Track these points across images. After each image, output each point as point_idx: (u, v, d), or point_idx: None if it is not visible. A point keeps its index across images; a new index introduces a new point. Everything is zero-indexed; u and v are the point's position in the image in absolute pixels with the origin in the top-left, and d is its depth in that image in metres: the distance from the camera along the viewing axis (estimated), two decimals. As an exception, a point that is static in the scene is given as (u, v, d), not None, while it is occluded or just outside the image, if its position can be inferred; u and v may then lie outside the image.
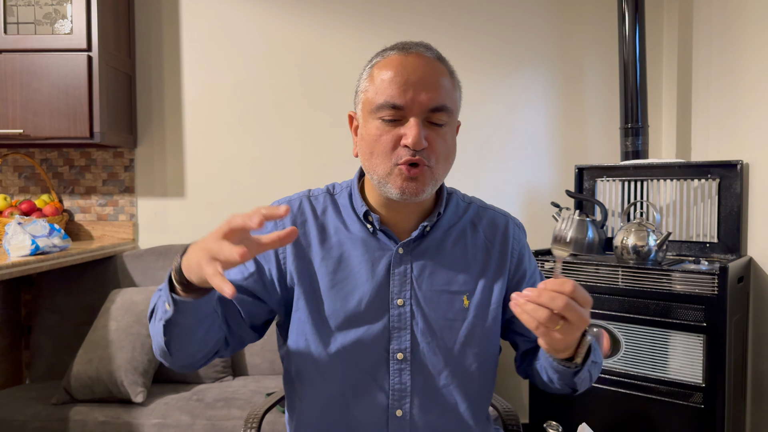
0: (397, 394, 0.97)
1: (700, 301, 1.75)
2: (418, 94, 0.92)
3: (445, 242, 1.02)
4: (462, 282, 1.00)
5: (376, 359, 0.97)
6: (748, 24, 2.04)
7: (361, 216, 1.01)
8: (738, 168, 2.02)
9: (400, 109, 0.92)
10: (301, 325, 0.99)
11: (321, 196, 1.07)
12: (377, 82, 0.94)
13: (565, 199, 2.36)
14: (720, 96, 2.21)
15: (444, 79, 0.96)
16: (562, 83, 2.60)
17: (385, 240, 1.00)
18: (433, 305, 0.98)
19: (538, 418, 2.04)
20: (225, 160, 2.60)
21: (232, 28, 2.58)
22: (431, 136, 0.93)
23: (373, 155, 0.95)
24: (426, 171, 0.93)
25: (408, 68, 0.93)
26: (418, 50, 0.95)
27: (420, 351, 0.97)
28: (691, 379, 1.78)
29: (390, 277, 0.99)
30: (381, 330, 0.97)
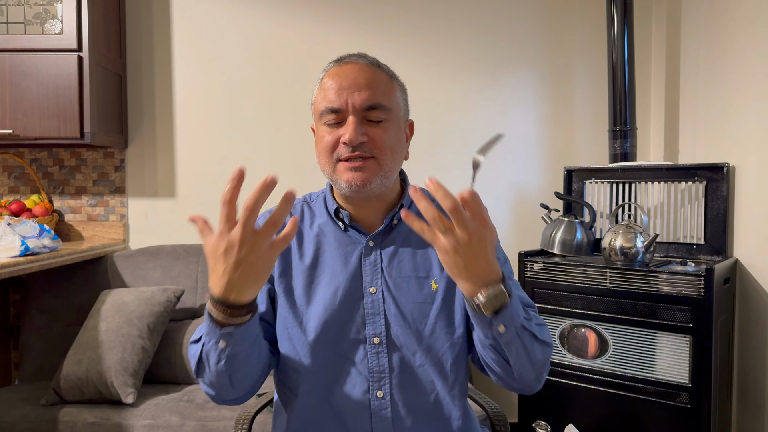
0: (377, 376, 1.03)
1: (686, 302, 1.77)
2: (351, 95, 1.01)
3: (411, 233, 1.08)
4: (429, 267, 1.07)
5: (354, 345, 1.03)
6: (735, 28, 2.06)
7: (332, 213, 1.09)
8: (724, 171, 2.04)
9: (338, 112, 1.01)
10: (283, 321, 1.06)
11: (298, 205, 1.16)
12: (321, 91, 1.05)
13: (555, 201, 2.38)
14: (707, 99, 2.24)
15: (377, 80, 1.03)
16: (551, 86, 2.62)
17: (356, 235, 1.08)
18: (403, 290, 1.05)
19: (526, 417, 2.06)
20: (216, 161, 2.60)
21: (223, 29, 2.58)
22: (370, 131, 1.01)
23: (321, 156, 1.05)
24: (371, 162, 1.01)
25: (341, 76, 1.03)
26: (351, 59, 1.05)
27: (394, 334, 1.04)
28: (677, 380, 1.80)
29: (362, 267, 1.06)
30: (357, 317, 1.04)
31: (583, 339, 1.97)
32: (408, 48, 2.58)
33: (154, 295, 2.18)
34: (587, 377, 1.95)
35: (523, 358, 0.92)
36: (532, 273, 2.08)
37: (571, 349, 1.99)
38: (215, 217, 1.21)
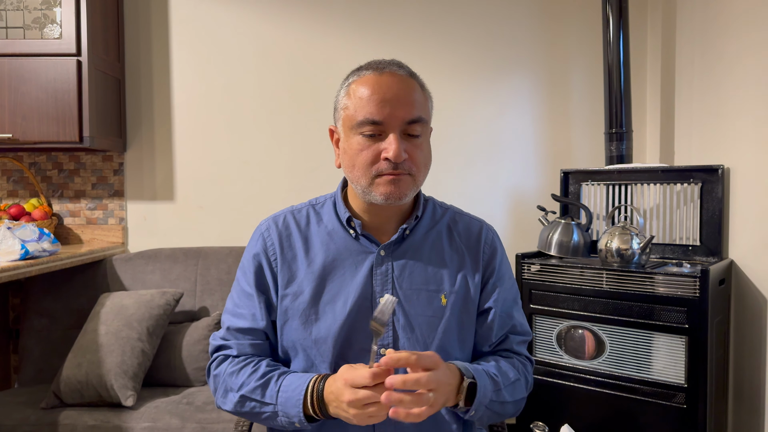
0: None
1: (682, 303, 1.79)
2: (395, 109, 0.99)
3: (424, 244, 1.10)
4: (440, 281, 1.07)
5: (361, 354, 1.04)
6: (729, 33, 2.08)
7: (344, 221, 1.09)
8: (719, 173, 2.06)
9: (379, 125, 1.00)
10: (291, 331, 1.07)
11: (304, 210, 1.15)
12: (355, 100, 1.01)
13: (552, 203, 2.40)
14: (702, 102, 2.25)
15: (416, 93, 1.03)
16: (548, 88, 2.64)
17: (367, 243, 1.08)
18: (413, 302, 1.05)
19: (524, 418, 2.07)
20: (214, 164, 2.61)
21: (221, 33, 2.60)
22: (410, 149, 1.01)
23: (356, 168, 1.02)
24: (407, 178, 1.02)
25: (383, 86, 1.00)
26: (392, 69, 1.02)
27: (401, 345, 1.04)
28: (673, 380, 1.81)
29: (372, 276, 1.06)
30: (365, 327, 1.04)
31: (580, 340, 1.98)
32: (406, 51, 2.60)
33: (153, 298, 2.19)
34: (584, 378, 1.96)
35: (495, 417, 1.05)
36: (530, 275, 2.10)
37: (568, 350, 2.01)
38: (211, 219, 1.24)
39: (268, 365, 1.06)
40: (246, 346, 1.09)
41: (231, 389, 1.05)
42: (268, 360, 1.08)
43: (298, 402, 0.96)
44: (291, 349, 1.08)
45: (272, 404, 1.00)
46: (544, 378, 2.05)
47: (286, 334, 1.08)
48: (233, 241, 2.59)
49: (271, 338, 1.12)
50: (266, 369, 1.04)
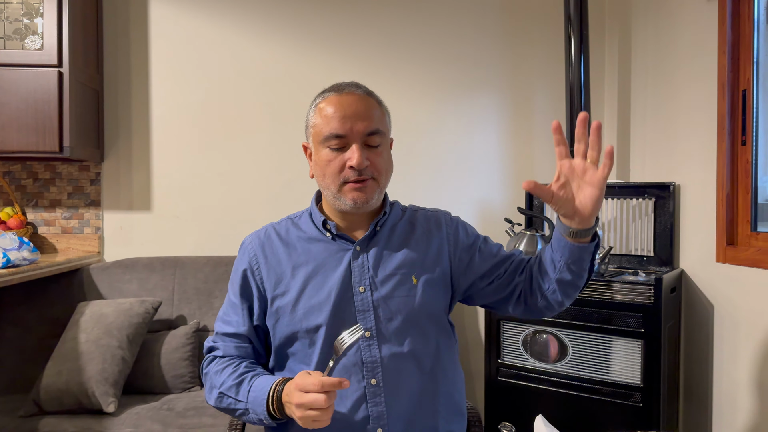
0: (370, 365, 1.15)
1: (638, 310, 1.94)
2: (355, 124, 1.14)
3: (392, 237, 1.24)
4: (409, 265, 1.21)
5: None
6: (678, 59, 2.27)
7: (320, 225, 1.23)
8: (671, 189, 2.24)
9: (343, 138, 1.14)
10: (283, 327, 1.19)
11: (284, 222, 1.30)
12: (322, 118, 1.17)
13: (517, 215, 2.54)
14: (655, 123, 2.44)
15: (374, 109, 1.18)
16: (513, 107, 2.79)
17: (343, 242, 1.22)
18: (389, 286, 1.18)
19: (492, 420, 2.19)
20: (191, 175, 2.66)
21: (199, 48, 2.66)
22: (371, 156, 1.16)
23: (326, 176, 1.17)
24: (371, 183, 1.17)
25: (344, 104, 1.15)
26: (350, 89, 1.18)
27: (383, 327, 1.17)
28: (630, 381, 1.96)
29: (351, 269, 1.19)
30: (349, 315, 1.17)
31: (544, 344, 2.11)
32: (379, 70, 2.71)
33: (132, 307, 2.23)
34: (549, 380, 2.09)
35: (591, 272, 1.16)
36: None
37: (534, 354, 2.13)
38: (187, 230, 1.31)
39: (247, 366, 1.18)
40: (231, 348, 1.23)
41: (214, 386, 1.18)
42: (248, 362, 1.20)
43: (263, 401, 1.08)
44: (285, 342, 1.19)
45: (244, 402, 1.12)
46: (511, 380, 2.17)
47: (279, 329, 1.19)
48: (210, 250, 2.64)
49: (254, 342, 1.25)
50: (243, 370, 1.17)
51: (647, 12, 2.50)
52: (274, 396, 1.07)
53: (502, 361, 2.20)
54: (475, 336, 2.67)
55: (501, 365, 2.20)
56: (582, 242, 1.09)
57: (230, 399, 1.14)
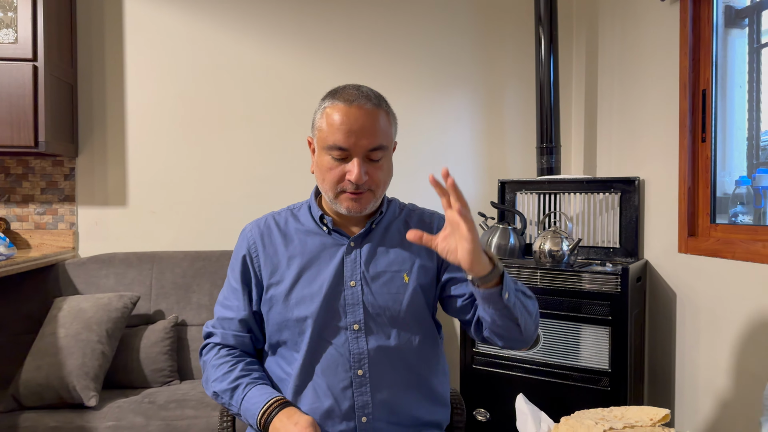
0: (356, 357, 1.19)
1: (606, 298, 2.03)
2: (359, 139, 1.15)
3: (386, 235, 1.28)
4: (401, 263, 1.25)
5: (337, 331, 1.21)
6: (642, 60, 2.38)
7: (317, 219, 1.26)
8: (636, 183, 2.35)
9: (345, 150, 1.16)
10: (275, 315, 1.23)
11: (283, 213, 1.32)
12: (328, 125, 1.17)
13: (490, 209, 2.62)
14: (621, 120, 2.55)
15: (381, 122, 1.18)
16: (486, 105, 2.87)
17: (338, 237, 1.26)
18: (379, 283, 1.23)
19: (469, 406, 2.26)
20: (167, 170, 2.66)
21: (175, 42, 2.66)
22: (370, 170, 1.18)
23: (325, 182, 1.20)
24: (368, 194, 1.20)
25: (351, 118, 1.15)
26: (360, 102, 1.16)
27: (371, 321, 1.21)
28: (599, 366, 2.05)
29: (344, 264, 1.23)
30: (339, 307, 1.21)
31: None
32: (355, 67, 2.76)
33: (111, 302, 2.23)
34: (521, 367, 2.18)
35: (525, 313, 1.16)
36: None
37: (508, 343, 2.22)
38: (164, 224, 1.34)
39: (242, 370, 1.20)
40: (229, 337, 1.26)
41: (209, 379, 1.23)
42: (244, 363, 1.22)
43: (254, 415, 1.13)
44: (277, 330, 1.23)
45: (236, 407, 1.17)
46: (485, 368, 2.25)
47: (272, 317, 1.24)
48: (187, 245, 2.65)
49: (253, 328, 1.28)
50: (239, 374, 1.19)
51: (613, 13, 2.61)
52: (263, 417, 1.12)
53: (477, 350, 2.28)
54: (450, 328, 2.74)
55: (476, 354, 2.27)
56: (488, 288, 1.09)
57: (224, 400, 1.19)
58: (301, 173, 2.65)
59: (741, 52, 2.08)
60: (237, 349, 1.26)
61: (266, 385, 1.19)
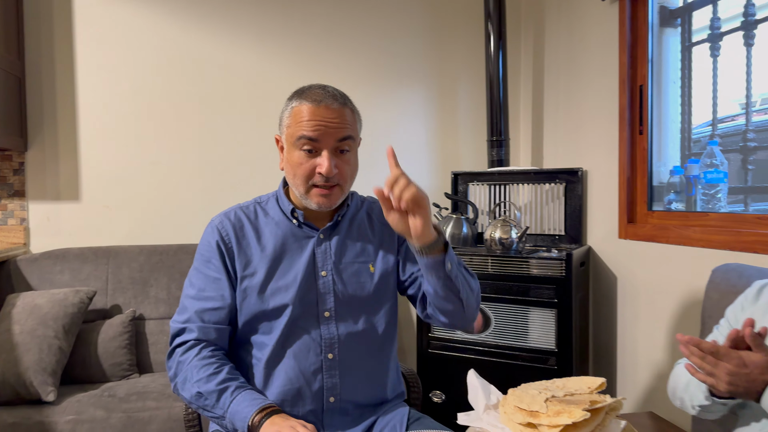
0: (327, 341, 1.26)
1: (552, 282, 2.16)
2: (328, 132, 1.21)
3: (352, 227, 1.35)
4: (367, 254, 1.33)
5: (309, 318, 1.27)
6: (586, 56, 2.51)
7: (288, 213, 1.31)
8: (579, 174, 2.48)
9: (315, 141, 1.21)
10: (250, 306, 1.27)
11: (251, 206, 1.35)
12: (296, 121, 1.22)
13: (444, 200, 2.71)
14: (566, 114, 2.68)
15: (347, 117, 1.25)
16: (438, 99, 2.96)
17: (308, 230, 1.31)
18: (348, 273, 1.30)
19: (425, 389, 2.36)
20: (122, 164, 2.64)
21: (128, 35, 2.63)
22: (339, 164, 1.24)
23: (296, 177, 1.24)
24: (336, 189, 1.26)
25: (318, 116, 1.21)
26: (327, 102, 1.22)
27: (342, 308, 1.28)
28: (546, 346, 2.18)
29: (315, 255, 1.29)
30: (312, 296, 1.27)
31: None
32: (310, 61, 2.80)
33: (66, 297, 2.21)
34: (474, 349, 2.28)
35: (466, 288, 1.25)
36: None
37: (462, 327, 2.32)
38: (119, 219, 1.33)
39: (229, 373, 1.20)
40: (211, 331, 1.24)
41: (190, 380, 1.19)
42: (229, 368, 1.21)
43: (245, 418, 1.12)
44: (251, 320, 1.27)
45: (222, 410, 1.15)
46: (440, 352, 2.34)
47: (246, 309, 1.27)
48: (143, 240, 2.64)
49: (232, 319, 1.28)
50: (226, 377, 1.18)
51: (559, 11, 2.73)
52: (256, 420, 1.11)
53: (432, 335, 2.37)
54: (408, 315, 2.83)
55: (431, 339, 2.37)
56: (432, 255, 1.17)
57: (208, 401, 1.17)
58: (258, 167, 2.67)
59: (675, 50, 2.23)
60: (218, 348, 1.25)
61: (255, 392, 1.19)
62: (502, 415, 1.09)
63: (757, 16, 1.86)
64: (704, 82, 2.09)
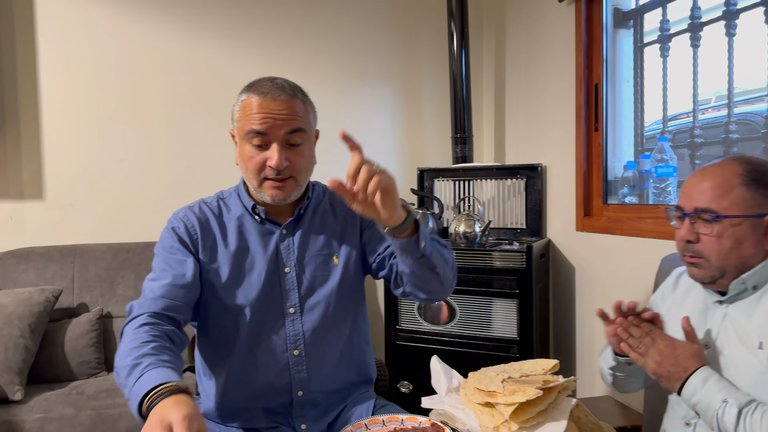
0: (293, 338, 1.26)
1: (513, 273, 2.24)
2: (276, 125, 1.18)
3: (314, 220, 1.33)
4: (331, 246, 1.32)
5: (274, 315, 1.26)
6: (545, 56, 2.60)
7: (250, 209, 1.29)
8: (539, 170, 2.57)
9: (263, 135, 1.19)
10: (215, 302, 1.25)
11: (214, 201, 1.33)
12: (245, 114, 1.20)
13: (411, 196, 2.78)
14: (526, 112, 2.77)
15: (297, 109, 1.21)
16: (404, 97, 3.02)
17: (271, 226, 1.29)
18: (312, 267, 1.29)
19: (393, 379, 2.42)
20: (87, 162, 2.63)
21: (92, 31, 2.61)
22: (291, 156, 1.21)
23: (248, 170, 1.22)
24: (290, 181, 1.23)
25: (265, 109, 1.18)
26: (274, 94, 1.19)
27: (306, 303, 1.27)
28: (509, 335, 2.26)
29: (278, 251, 1.28)
30: (276, 293, 1.26)
31: (436, 309, 2.36)
32: (277, 58, 2.82)
33: (32, 296, 2.20)
34: (441, 340, 2.35)
35: (442, 261, 1.20)
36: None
37: (427, 319, 2.38)
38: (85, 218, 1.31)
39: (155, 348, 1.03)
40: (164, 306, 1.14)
41: (117, 355, 1.05)
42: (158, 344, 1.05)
43: (137, 398, 0.93)
44: (216, 318, 1.25)
45: (129, 388, 0.96)
46: (408, 343, 2.41)
47: (210, 306, 1.24)
48: (109, 238, 2.63)
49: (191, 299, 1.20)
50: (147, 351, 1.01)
51: (519, 12, 2.82)
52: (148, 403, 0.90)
53: (400, 327, 2.43)
54: (375, 308, 2.89)
55: (399, 330, 2.43)
56: (404, 237, 1.12)
57: (121, 380, 1.00)
58: (223, 164, 2.68)
59: (628, 50, 2.34)
60: (167, 326, 1.12)
61: (170, 369, 0.97)
62: (463, 397, 1.15)
63: (703, 18, 1.97)
64: (656, 81, 2.20)
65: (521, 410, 1.02)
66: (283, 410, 1.27)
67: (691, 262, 1.13)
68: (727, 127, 1.87)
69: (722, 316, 1.13)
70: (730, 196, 1.05)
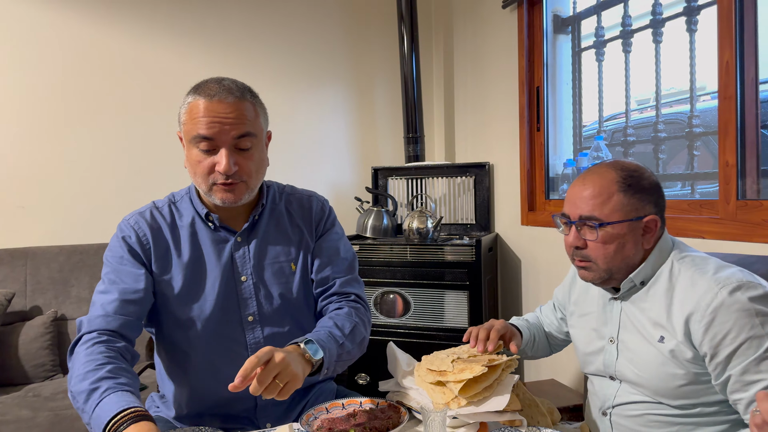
0: (254, 346, 1.22)
1: (463, 266, 2.35)
2: (224, 129, 1.13)
3: (270, 226, 1.28)
4: (288, 253, 1.28)
5: (233, 324, 1.22)
6: (490, 58, 2.73)
7: (203, 216, 1.25)
8: (486, 168, 2.70)
9: (211, 140, 1.13)
10: (169, 314, 1.22)
11: (165, 207, 1.27)
12: (191, 119, 1.14)
13: (366, 194, 2.86)
14: (474, 112, 2.89)
15: (246, 112, 1.15)
16: (358, 97, 3.10)
17: (225, 233, 1.25)
18: (269, 275, 1.25)
19: (351, 372, 2.50)
20: (36, 164, 2.60)
21: (40, 31, 2.59)
22: (240, 160, 1.15)
23: (197, 175, 1.17)
24: (241, 185, 1.17)
25: (212, 112, 1.13)
26: (221, 97, 1.14)
27: (265, 311, 1.24)
28: (460, 325, 2.37)
29: (233, 259, 1.23)
30: (233, 302, 1.22)
31: (392, 302, 2.46)
32: (228, 60, 2.86)
33: (-16, 300, 2.17)
34: (396, 332, 2.45)
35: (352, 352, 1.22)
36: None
37: (383, 312, 2.47)
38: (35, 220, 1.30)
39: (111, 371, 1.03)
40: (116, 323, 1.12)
41: (71, 378, 1.05)
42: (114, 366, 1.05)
43: (100, 426, 0.95)
44: (172, 329, 1.21)
45: (89, 414, 0.98)
46: (364, 337, 2.49)
47: (164, 317, 1.21)
48: (62, 240, 2.61)
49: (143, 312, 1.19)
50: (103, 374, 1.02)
51: (465, 16, 2.94)
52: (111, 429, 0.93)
53: (356, 321, 2.51)
54: (331, 304, 2.95)
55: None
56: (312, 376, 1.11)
57: (79, 405, 1.00)
58: (175, 165, 2.68)
59: (567, 54, 2.49)
60: (120, 343, 1.12)
61: (130, 393, 1.00)
62: (417, 378, 1.24)
63: (633, 26, 2.13)
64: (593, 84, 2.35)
65: (468, 386, 1.11)
66: (247, 414, 1.26)
67: (581, 266, 1.19)
68: (656, 126, 2.03)
69: (619, 311, 1.20)
70: (611, 203, 1.11)
